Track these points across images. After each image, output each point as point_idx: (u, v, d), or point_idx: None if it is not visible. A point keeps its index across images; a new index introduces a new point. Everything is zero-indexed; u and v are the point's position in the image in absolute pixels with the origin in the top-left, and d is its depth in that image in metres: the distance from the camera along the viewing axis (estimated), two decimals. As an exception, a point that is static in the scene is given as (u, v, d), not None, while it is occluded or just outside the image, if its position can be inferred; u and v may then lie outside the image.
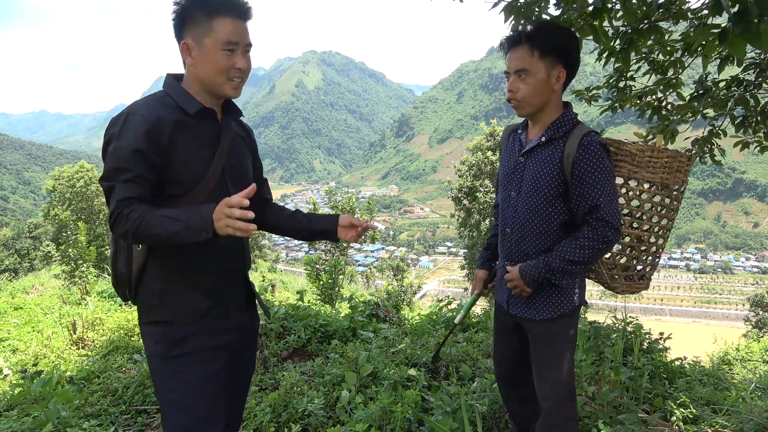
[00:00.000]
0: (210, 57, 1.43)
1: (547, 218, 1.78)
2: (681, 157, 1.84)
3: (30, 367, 3.64)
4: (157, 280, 1.47)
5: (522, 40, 1.69)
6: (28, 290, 10.08)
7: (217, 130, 1.52)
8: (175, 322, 1.46)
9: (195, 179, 1.44)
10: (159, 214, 1.34)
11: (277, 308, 4.16)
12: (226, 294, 1.55)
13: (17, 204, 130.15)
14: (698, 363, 3.72)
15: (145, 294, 1.49)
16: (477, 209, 21.47)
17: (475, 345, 3.85)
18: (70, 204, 28.22)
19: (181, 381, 1.45)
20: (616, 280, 1.92)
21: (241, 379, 1.69)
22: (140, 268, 1.47)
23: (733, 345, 7.50)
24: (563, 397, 1.84)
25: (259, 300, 1.71)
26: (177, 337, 1.45)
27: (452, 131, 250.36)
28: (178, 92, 1.47)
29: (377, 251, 76.67)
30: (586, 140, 1.68)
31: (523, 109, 1.77)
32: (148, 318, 1.49)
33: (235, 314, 1.58)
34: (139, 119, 1.37)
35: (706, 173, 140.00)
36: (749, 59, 3.00)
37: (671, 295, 74.58)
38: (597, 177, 1.67)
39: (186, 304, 1.47)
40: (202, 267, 1.49)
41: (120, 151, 1.35)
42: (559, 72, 1.70)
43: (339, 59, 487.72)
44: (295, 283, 15.09)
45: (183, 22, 1.44)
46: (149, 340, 1.48)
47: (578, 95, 3.49)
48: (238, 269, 1.61)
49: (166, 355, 1.45)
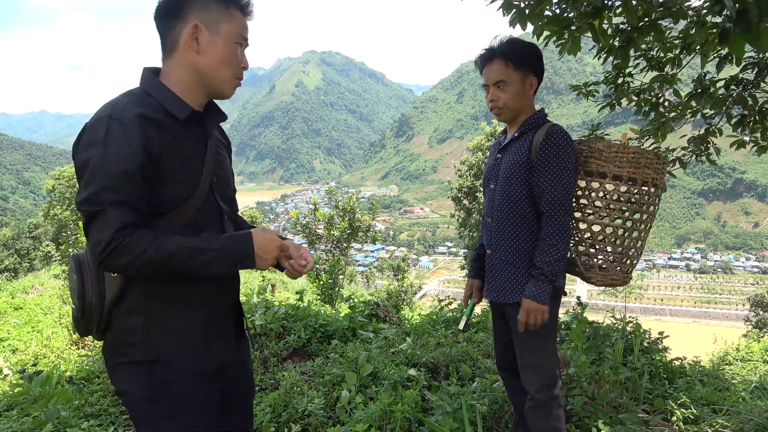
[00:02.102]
0: (223, 46, 1.28)
1: (520, 205, 1.94)
2: (648, 154, 1.94)
3: (30, 367, 3.64)
4: (139, 314, 1.25)
5: (497, 55, 1.93)
6: (28, 290, 10.09)
7: (203, 137, 1.34)
8: (159, 362, 1.25)
9: (185, 194, 1.25)
10: (176, 243, 1.18)
11: (277, 308, 4.16)
12: (217, 326, 1.37)
13: (17, 204, 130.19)
14: (698, 363, 3.72)
15: (121, 329, 1.26)
16: (477, 209, 21.47)
17: (475, 345, 3.85)
18: (70, 204, 28.22)
19: (173, 422, 1.27)
20: (591, 271, 2.02)
21: (243, 406, 1.52)
22: (115, 299, 1.25)
23: (733, 345, 7.49)
24: (545, 383, 1.95)
25: (246, 329, 1.53)
26: (163, 378, 1.25)
27: (452, 131, 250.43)
28: (160, 92, 1.26)
29: (377, 251, 76.68)
30: (552, 129, 1.89)
31: (505, 114, 1.99)
32: (126, 357, 1.26)
33: (226, 346, 1.40)
34: (129, 126, 1.16)
35: (706, 173, 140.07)
36: (748, 59, 3.00)
37: (671, 295, 74.59)
38: (554, 163, 1.85)
39: (173, 341, 1.27)
40: (195, 297, 1.30)
41: (108, 166, 1.13)
42: (531, 80, 1.95)
43: (339, 59, 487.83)
44: (295, 283, 15.09)
45: (187, 3, 1.25)
46: (129, 382, 1.26)
47: (576, 89, 3.50)
48: (231, 297, 1.44)
49: (151, 399, 1.25)
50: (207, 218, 1.32)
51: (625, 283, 2.04)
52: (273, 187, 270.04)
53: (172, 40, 1.28)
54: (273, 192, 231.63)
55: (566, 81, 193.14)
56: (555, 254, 1.84)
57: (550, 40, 2.58)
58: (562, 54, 2.57)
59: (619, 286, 2.07)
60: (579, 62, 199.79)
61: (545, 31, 2.47)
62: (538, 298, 1.85)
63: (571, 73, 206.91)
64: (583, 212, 2.04)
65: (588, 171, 1.97)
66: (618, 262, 2.02)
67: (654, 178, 1.96)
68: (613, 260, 2.02)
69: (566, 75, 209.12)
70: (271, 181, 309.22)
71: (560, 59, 23.48)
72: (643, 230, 2.01)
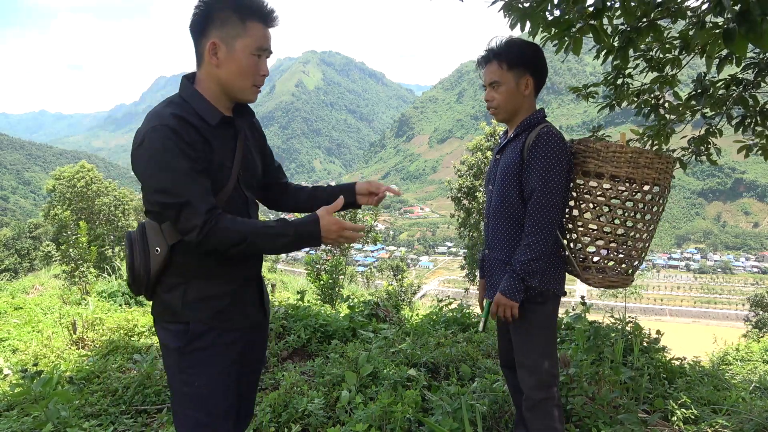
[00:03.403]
0: (239, 60, 1.42)
1: (513, 205, 1.96)
2: (648, 154, 1.90)
3: (30, 367, 3.63)
4: (178, 286, 1.49)
5: (491, 57, 1.96)
6: (28, 290, 10.09)
7: (234, 136, 1.53)
8: (194, 322, 1.48)
9: (218, 186, 1.45)
10: (262, 225, 1.39)
11: (277, 308, 4.16)
12: (243, 295, 1.58)
13: (17, 204, 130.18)
14: (698, 363, 3.72)
15: (164, 296, 1.50)
16: (477, 209, 21.48)
17: (475, 345, 3.85)
18: (71, 204, 28.23)
19: (197, 375, 1.48)
20: (588, 272, 1.99)
21: (252, 375, 1.71)
22: (159, 272, 1.48)
23: (733, 345, 7.50)
24: (539, 383, 1.96)
25: (266, 300, 1.74)
26: (195, 332, 1.47)
27: (452, 131, 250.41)
28: (196, 99, 1.46)
29: (377, 251, 76.67)
30: (542, 130, 1.89)
31: (500, 114, 2.02)
32: (167, 319, 1.51)
33: (250, 313, 1.61)
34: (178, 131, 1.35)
35: (706, 173, 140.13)
36: (748, 59, 3.00)
37: (671, 295, 74.59)
38: (541, 164, 1.85)
39: (206, 307, 1.49)
40: (223, 271, 1.51)
41: (171, 166, 1.34)
42: (527, 80, 1.96)
43: (339, 59, 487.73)
44: (295, 283, 15.09)
45: (209, 21, 1.41)
46: (167, 337, 1.50)
47: (575, 92, 3.50)
48: (255, 270, 1.64)
49: (184, 350, 1.47)
50: (234, 205, 1.51)
51: (625, 285, 2.00)
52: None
53: (199, 53, 1.45)
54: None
55: (566, 81, 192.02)
56: (530, 255, 1.86)
57: (549, 42, 2.57)
58: (559, 53, 2.57)
59: (619, 288, 2.05)
60: (579, 62, 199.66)
61: (545, 33, 2.47)
62: (508, 294, 1.89)
63: (571, 72, 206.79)
64: (580, 212, 2.02)
65: (585, 171, 1.95)
66: (617, 263, 1.98)
67: (656, 178, 1.91)
68: (612, 262, 1.98)
69: (566, 75, 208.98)
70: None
71: (561, 60, 23.57)
72: (644, 231, 1.95)
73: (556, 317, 2.04)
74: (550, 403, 1.97)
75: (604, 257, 2.00)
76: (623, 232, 1.97)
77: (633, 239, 1.97)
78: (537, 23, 2.36)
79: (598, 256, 2.02)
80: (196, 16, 1.42)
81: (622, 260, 1.98)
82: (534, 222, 1.86)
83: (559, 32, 2.41)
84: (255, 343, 1.68)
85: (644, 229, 1.96)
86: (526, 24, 2.37)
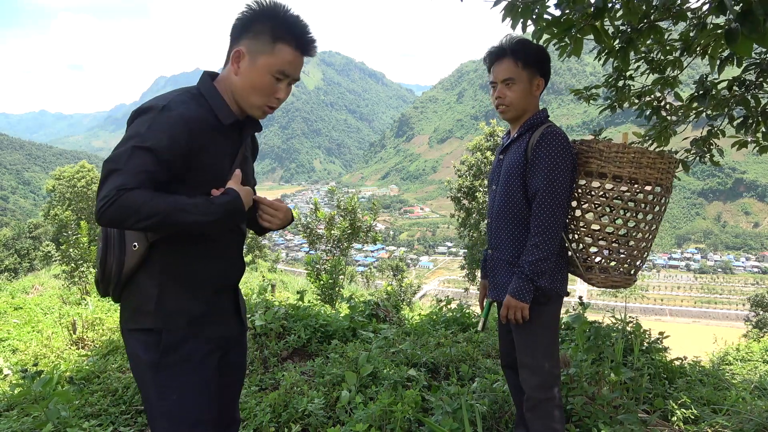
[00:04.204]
0: (257, 76, 1.40)
1: (517, 205, 1.96)
2: (650, 154, 1.91)
3: (30, 367, 3.63)
4: (153, 286, 1.40)
5: (507, 53, 1.94)
6: (28, 290, 10.10)
7: (238, 142, 1.52)
8: (166, 330, 1.39)
9: (213, 186, 1.42)
10: (174, 198, 1.28)
11: (277, 308, 4.16)
12: (219, 303, 1.52)
13: (17, 204, 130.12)
14: (698, 363, 3.72)
15: (135, 297, 1.41)
16: (477, 209, 21.47)
17: (475, 345, 3.85)
18: (71, 204, 28.24)
19: (174, 389, 1.39)
20: (590, 272, 1.99)
21: (234, 385, 1.66)
22: (133, 269, 1.39)
23: (733, 345, 7.50)
24: (541, 383, 1.95)
25: (243, 310, 1.66)
26: (169, 344, 1.39)
27: (452, 131, 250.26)
28: (213, 96, 1.44)
29: (377, 251, 76.64)
30: (546, 130, 1.90)
31: (510, 112, 2.00)
32: (136, 324, 1.41)
33: (226, 323, 1.55)
34: (176, 119, 1.31)
35: (706, 173, 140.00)
36: (749, 59, 3.00)
37: (671, 295, 74.55)
38: (546, 163, 1.85)
39: (181, 312, 1.41)
40: (203, 275, 1.45)
41: (141, 142, 1.27)
42: (539, 81, 1.97)
43: (339, 59, 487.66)
44: (295, 283, 15.10)
45: (246, 29, 1.40)
46: (137, 347, 1.40)
47: (577, 94, 3.49)
48: (231, 280, 1.57)
49: (158, 364, 1.38)
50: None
51: (627, 285, 2.00)
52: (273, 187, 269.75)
53: (228, 55, 1.45)
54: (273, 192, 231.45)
55: (566, 81, 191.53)
56: (538, 254, 1.85)
57: (550, 43, 2.57)
58: (562, 57, 2.56)
59: (622, 288, 2.05)
60: (579, 62, 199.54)
61: (545, 34, 2.46)
62: (518, 296, 1.88)
63: (571, 73, 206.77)
64: (583, 212, 2.02)
65: (588, 171, 1.95)
66: (619, 263, 1.99)
67: (658, 178, 1.92)
68: (614, 262, 1.99)
69: (566, 75, 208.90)
70: (271, 181, 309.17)
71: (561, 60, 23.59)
72: (646, 231, 1.96)
73: (559, 317, 2.05)
74: (551, 403, 1.96)
75: (607, 257, 2.00)
76: (625, 232, 1.98)
77: (635, 239, 1.97)
78: (537, 24, 2.36)
79: (600, 257, 2.02)
80: (238, 20, 1.41)
81: (625, 260, 1.99)
82: (540, 222, 1.85)
83: (560, 32, 2.41)
84: (233, 351, 1.61)
85: (646, 229, 1.96)
86: (528, 24, 2.36)
